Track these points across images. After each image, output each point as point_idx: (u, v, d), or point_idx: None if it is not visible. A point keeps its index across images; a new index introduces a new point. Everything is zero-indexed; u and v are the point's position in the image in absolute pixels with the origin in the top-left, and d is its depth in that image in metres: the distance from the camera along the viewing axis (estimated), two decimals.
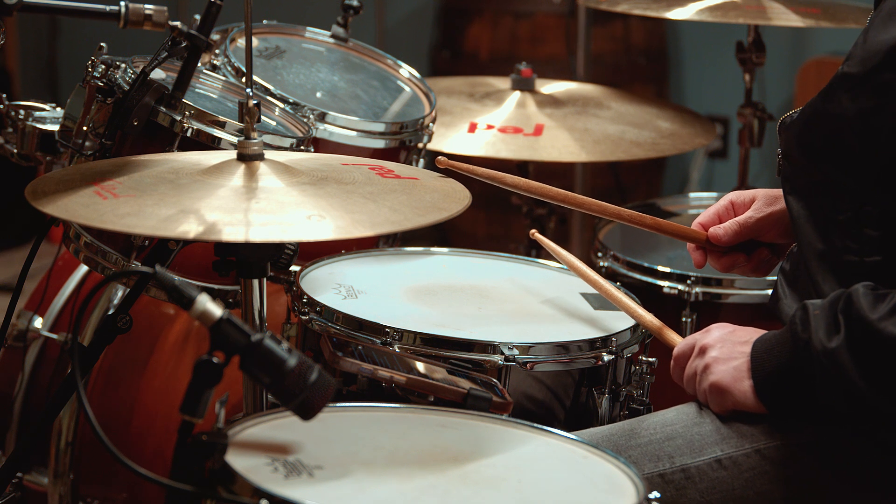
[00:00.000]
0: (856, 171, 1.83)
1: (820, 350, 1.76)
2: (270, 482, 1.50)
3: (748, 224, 2.15)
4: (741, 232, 2.15)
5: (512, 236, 4.58)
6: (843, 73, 1.83)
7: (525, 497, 1.57)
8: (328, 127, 2.49)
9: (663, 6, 2.97)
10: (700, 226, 2.19)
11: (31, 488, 2.69)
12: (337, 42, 2.85)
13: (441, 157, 2.10)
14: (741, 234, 2.15)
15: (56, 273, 2.77)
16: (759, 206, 2.15)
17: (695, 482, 1.87)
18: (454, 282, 2.29)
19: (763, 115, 3.15)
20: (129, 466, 1.53)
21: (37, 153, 2.51)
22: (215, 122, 2.20)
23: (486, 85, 3.24)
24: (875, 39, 1.79)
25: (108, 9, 2.16)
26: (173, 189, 1.76)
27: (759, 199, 2.16)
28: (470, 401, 1.86)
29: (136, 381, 2.69)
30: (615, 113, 3.11)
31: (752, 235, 2.16)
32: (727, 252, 2.18)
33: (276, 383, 1.53)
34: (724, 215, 2.18)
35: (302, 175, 1.83)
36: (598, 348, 2.06)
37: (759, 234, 2.15)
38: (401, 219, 1.76)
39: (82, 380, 2.38)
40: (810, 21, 2.93)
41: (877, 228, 1.82)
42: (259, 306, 1.85)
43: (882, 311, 1.72)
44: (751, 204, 2.17)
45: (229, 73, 2.52)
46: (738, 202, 2.18)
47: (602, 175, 4.68)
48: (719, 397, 1.88)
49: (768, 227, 2.14)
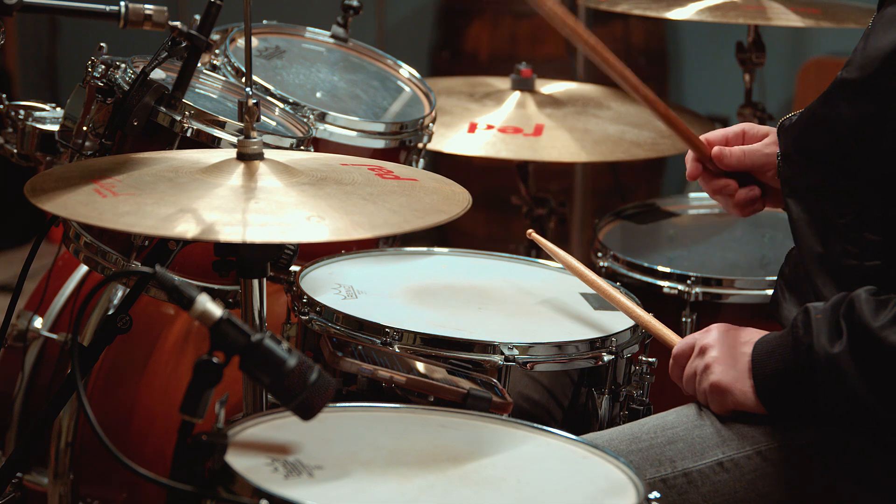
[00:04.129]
0: (855, 175, 1.83)
1: (822, 355, 1.76)
2: (270, 482, 1.50)
3: (753, 155, 2.12)
4: (744, 160, 2.13)
5: (512, 236, 4.57)
6: (843, 79, 1.82)
7: (525, 497, 1.57)
8: (328, 127, 2.49)
9: (663, 6, 2.97)
10: (707, 140, 2.17)
11: (31, 488, 2.68)
12: (337, 42, 2.85)
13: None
14: (743, 162, 2.13)
15: (56, 273, 2.77)
16: (768, 142, 2.13)
17: (697, 486, 1.87)
18: (454, 282, 2.29)
19: (763, 116, 3.15)
20: (129, 466, 1.53)
21: (37, 153, 2.51)
22: (215, 121, 2.20)
23: (486, 85, 3.24)
24: (875, 45, 1.79)
25: (108, 9, 2.16)
26: (172, 188, 1.76)
27: (771, 135, 2.14)
28: (470, 401, 1.86)
29: (136, 381, 2.69)
30: (615, 113, 3.11)
31: (753, 168, 2.13)
32: (720, 175, 2.17)
33: (276, 383, 1.53)
34: (732, 140, 2.16)
35: (301, 175, 1.83)
36: (597, 348, 2.06)
37: (760, 168, 2.13)
38: (400, 221, 1.76)
39: (82, 380, 2.38)
40: (810, 21, 2.93)
41: (877, 233, 1.82)
42: (259, 306, 1.85)
43: (884, 318, 1.72)
44: (762, 138, 2.15)
45: (229, 73, 2.52)
46: (751, 133, 2.16)
47: (602, 175, 4.67)
48: (719, 397, 1.88)
49: (771, 165, 2.12)
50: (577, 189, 4.51)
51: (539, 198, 3.24)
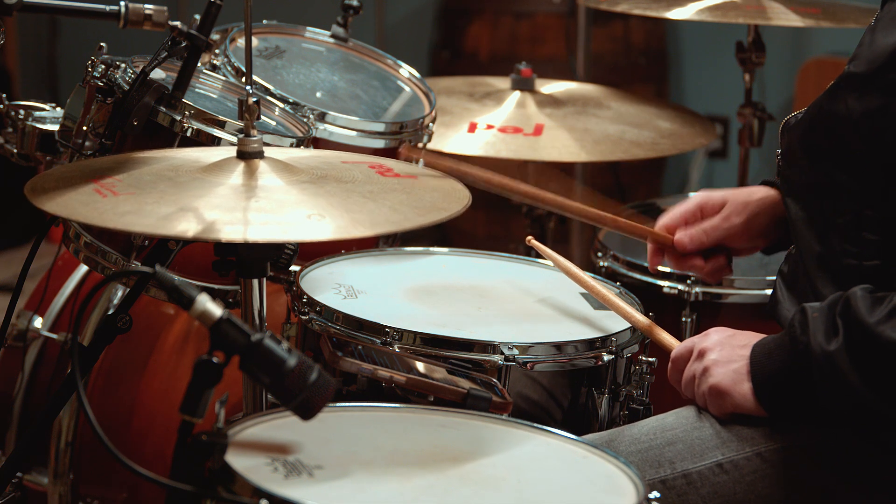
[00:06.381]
0: (858, 172, 1.83)
1: (819, 353, 1.76)
2: (270, 482, 1.50)
3: (714, 232, 2.17)
4: (706, 241, 2.17)
5: (512, 236, 4.57)
6: (850, 73, 1.83)
7: (525, 497, 1.57)
8: (328, 127, 2.49)
9: (663, 6, 2.97)
10: (665, 228, 2.20)
11: (31, 488, 2.68)
12: (337, 42, 2.85)
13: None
14: (706, 244, 2.18)
15: (56, 273, 2.77)
16: (726, 215, 2.16)
17: (696, 487, 1.87)
18: (454, 282, 2.29)
19: (763, 115, 3.15)
20: (129, 466, 1.53)
21: (37, 153, 2.51)
22: (215, 121, 2.20)
23: (485, 85, 3.24)
24: (883, 40, 1.79)
25: (108, 9, 2.16)
26: (173, 187, 1.76)
27: (728, 204, 2.17)
28: (470, 401, 1.86)
29: (136, 381, 2.69)
30: (615, 113, 3.11)
31: (716, 244, 2.18)
32: (686, 255, 2.20)
33: (276, 383, 1.53)
34: (690, 219, 2.19)
35: (301, 173, 1.83)
36: (597, 348, 2.06)
37: (724, 242, 2.17)
38: (400, 219, 1.76)
39: (82, 380, 2.38)
40: (810, 21, 2.93)
41: (876, 233, 1.82)
42: (259, 306, 1.85)
43: (880, 314, 1.72)
44: (720, 208, 2.17)
45: (229, 73, 2.52)
46: (708, 206, 2.19)
47: (602, 175, 4.67)
48: (719, 400, 1.88)
49: (734, 237, 2.16)
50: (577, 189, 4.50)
51: None
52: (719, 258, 2.20)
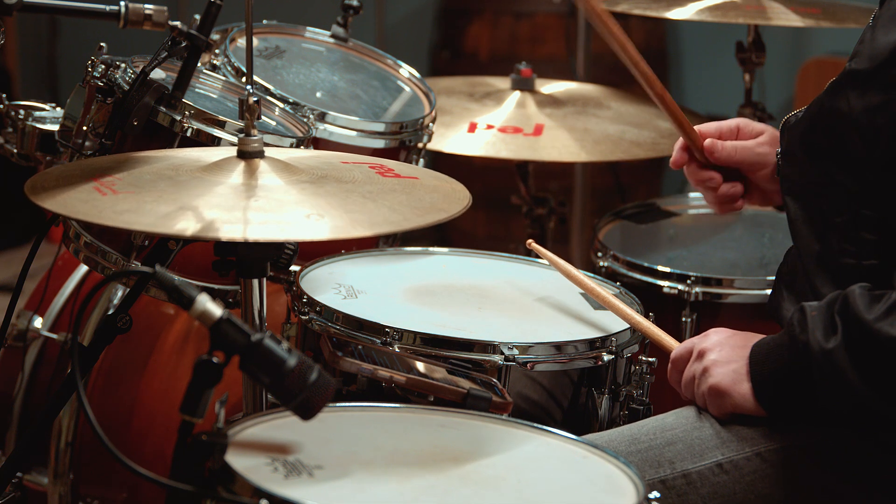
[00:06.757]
0: (857, 171, 1.83)
1: (818, 351, 1.76)
2: (270, 482, 1.50)
3: (745, 152, 2.13)
4: (735, 156, 2.13)
5: (512, 236, 4.57)
6: (851, 70, 1.83)
7: (525, 497, 1.57)
8: (328, 127, 2.49)
9: (663, 6, 2.97)
10: (700, 132, 2.17)
11: (31, 488, 2.68)
12: (337, 42, 2.85)
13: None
14: (734, 158, 2.14)
15: (56, 273, 2.77)
16: (761, 141, 2.14)
17: (696, 487, 1.86)
18: (454, 282, 2.29)
19: (763, 115, 3.15)
20: (129, 466, 1.53)
21: (37, 153, 2.51)
22: (215, 121, 2.20)
23: (486, 85, 3.24)
24: (884, 37, 1.80)
25: (108, 9, 2.16)
26: (172, 186, 1.76)
27: (766, 134, 2.15)
28: (470, 401, 1.86)
29: (136, 381, 2.69)
30: (615, 113, 3.11)
31: (742, 165, 2.14)
32: (707, 167, 2.17)
33: (276, 383, 1.53)
34: (726, 134, 2.17)
35: (301, 173, 1.83)
36: (597, 348, 2.06)
37: (750, 167, 2.14)
38: (400, 219, 1.76)
39: (82, 380, 2.38)
40: (810, 21, 2.93)
41: (874, 233, 1.82)
42: (259, 306, 1.85)
43: (878, 311, 1.72)
44: (757, 136, 2.15)
45: (229, 73, 2.52)
46: (745, 129, 2.16)
47: (602, 175, 4.67)
48: (718, 400, 1.88)
49: (761, 164, 2.13)
50: (577, 189, 4.51)
51: (539, 197, 3.24)
52: (735, 185, 2.17)
